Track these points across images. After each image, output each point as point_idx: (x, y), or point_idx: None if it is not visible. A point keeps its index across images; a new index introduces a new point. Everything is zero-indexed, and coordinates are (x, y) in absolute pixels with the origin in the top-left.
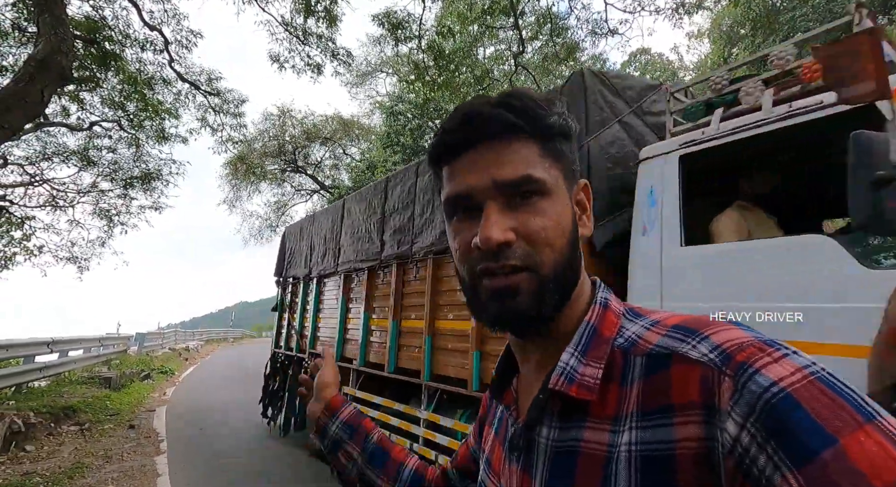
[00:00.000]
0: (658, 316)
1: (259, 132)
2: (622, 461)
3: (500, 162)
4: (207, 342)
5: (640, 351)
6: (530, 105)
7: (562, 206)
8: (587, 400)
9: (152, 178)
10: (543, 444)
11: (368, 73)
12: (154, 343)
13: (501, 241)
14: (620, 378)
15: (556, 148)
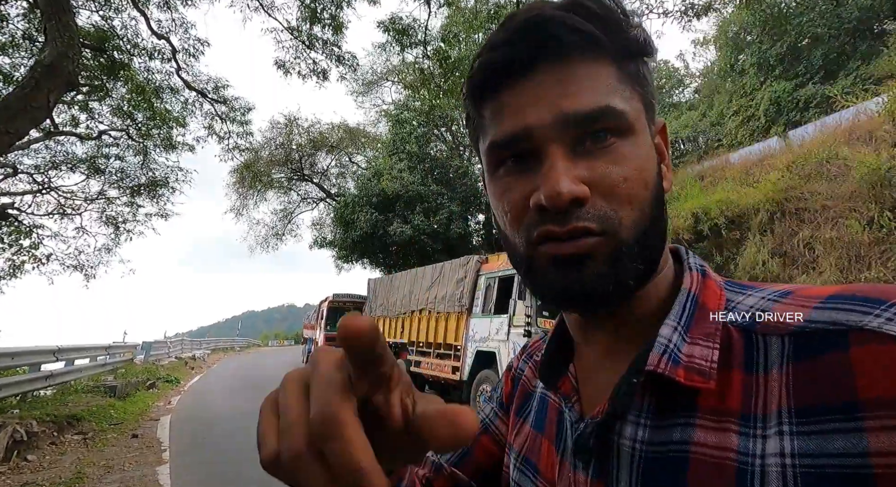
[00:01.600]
0: (782, 287)
1: (266, 140)
2: (771, 476)
3: (569, 89)
4: (214, 351)
5: (778, 328)
6: (609, 11)
7: (646, 150)
8: (698, 388)
9: (159, 186)
10: (628, 447)
11: (374, 81)
12: (160, 351)
13: (572, 195)
14: (744, 362)
15: (638, 71)
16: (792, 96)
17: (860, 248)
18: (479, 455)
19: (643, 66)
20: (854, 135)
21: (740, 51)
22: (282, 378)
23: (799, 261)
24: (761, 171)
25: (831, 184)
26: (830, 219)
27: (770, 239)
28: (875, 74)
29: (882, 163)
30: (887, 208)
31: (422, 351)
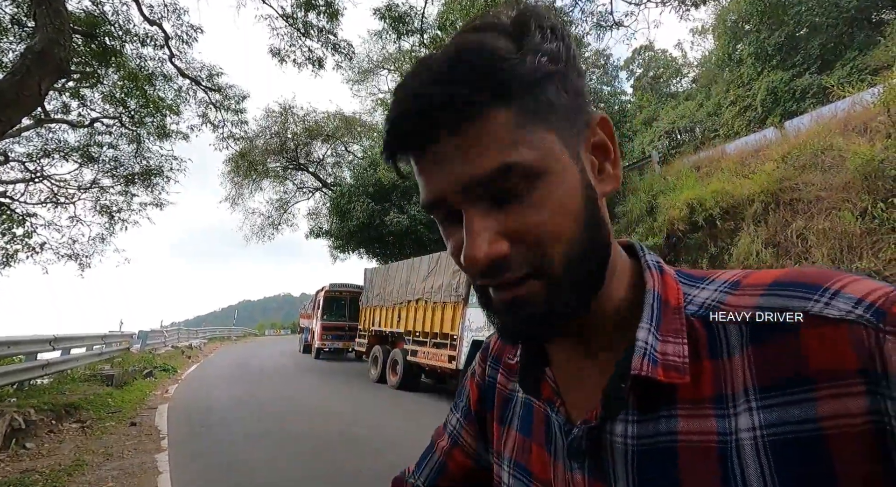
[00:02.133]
0: (728, 276)
1: (261, 129)
2: (746, 450)
3: (465, 155)
4: (210, 340)
5: (734, 317)
6: (488, 63)
7: (563, 181)
8: (676, 383)
9: (153, 175)
10: (620, 444)
11: (370, 69)
12: (157, 341)
13: (491, 258)
14: (709, 351)
15: (539, 100)
16: (789, 86)
17: (852, 239)
18: (453, 470)
19: (549, 87)
20: (849, 125)
21: (738, 40)
22: (278, 366)
23: (791, 252)
24: (757, 162)
25: (826, 174)
26: (824, 210)
27: (764, 229)
28: (871, 65)
29: (876, 154)
30: (880, 199)
31: (418, 340)
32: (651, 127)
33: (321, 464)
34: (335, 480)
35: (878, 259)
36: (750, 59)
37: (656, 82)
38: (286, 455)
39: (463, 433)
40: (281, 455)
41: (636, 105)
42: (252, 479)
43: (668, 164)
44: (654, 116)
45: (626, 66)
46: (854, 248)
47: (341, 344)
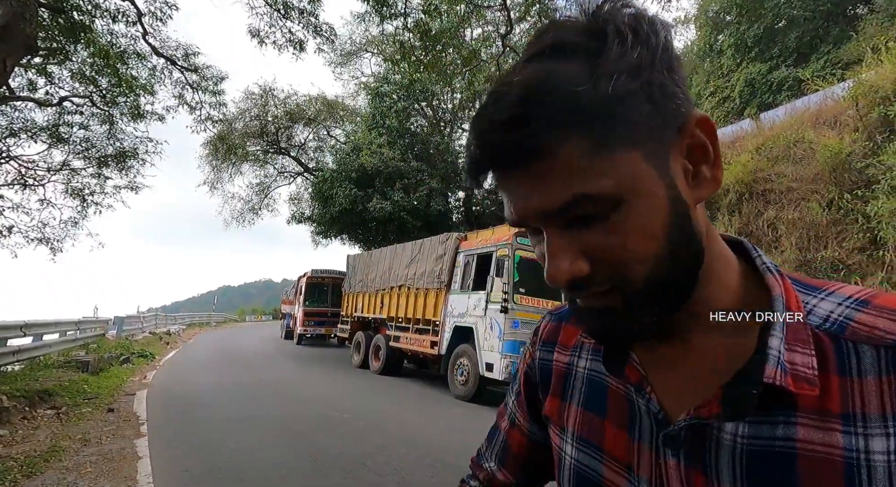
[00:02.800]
0: (852, 292)
1: (240, 111)
2: (879, 471)
3: (537, 188)
4: (189, 326)
5: (872, 338)
6: (558, 99)
7: (646, 204)
8: (807, 394)
9: (127, 157)
10: (729, 441)
11: (353, 52)
12: (133, 327)
13: (571, 276)
14: (838, 367)
15: (618, 122)
16: (766, 78)
17: (819, 229)
18: (514, 448)
19: (631, 101)
20: (820, 119)
21: (719, 31)
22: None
23: (763, 241)
24: (733, 153)
25: (797, 166)
26: (794, 201)
27: (738, 219)
28: (844, 59)
29: (844, 147)
30: (846, 190)
31: (401, 326)
32: None
33: (303, 447)
34: (318, 462)
35: (842, 248)
36: (730, 50)
37: None
38: (268, 439)
39: (518, 414)
40: (263, 438)
41: None
42: (234, 462)
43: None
44: None
45: None
46: (820, 238)
47: (323, 330)
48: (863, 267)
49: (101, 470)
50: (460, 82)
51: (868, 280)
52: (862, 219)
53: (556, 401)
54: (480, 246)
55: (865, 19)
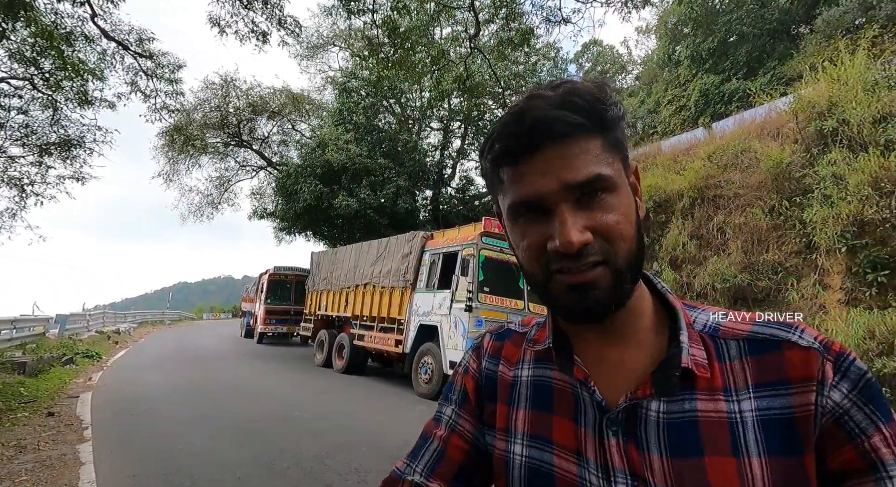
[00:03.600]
0: (716, 309)
1: (199, 101)
2: (748, 423)
3: (568, 163)
4: (141, 324)
5: (735, 335)
6: (592, 101)
7: (627, 197)
8: (699, 375)
9: (73, 146)
10: (654, 417)
11: (320, 45)
12: (78, 325)
13: (581, 242)
14: (717, 356)
15: (616, 138)
16: (719, 89)
17: (762, 233)
18: (452, 454)
19: (620, 131)
20: (765, 130)
21: (677, 42)
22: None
23: (712, 244)
24: (687, 159)
25: (744, 174)
26: (740, 207)
27: (690, 223)
28: (788, 74)
29: (784, 157)
30: (786, 198)
31: (365, 324)
32: None
33: (261, 448)
34: (276, 462)
35: (782, 251)
36: (686, 61)
37: (603, 77)
38: (223, 440)
39: (460, 421)
40: (218, 439)
41: None
42: (186, 465)
43: None
44: None
45: (576, 60)
46: (763, 242)
47: (286, 329)
48: (799, 270)
49: (38, 479)
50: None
51: (803, 281)
52: (799, 224)
53: (504, 408)
54: (446, 245)
55: (807, 38)
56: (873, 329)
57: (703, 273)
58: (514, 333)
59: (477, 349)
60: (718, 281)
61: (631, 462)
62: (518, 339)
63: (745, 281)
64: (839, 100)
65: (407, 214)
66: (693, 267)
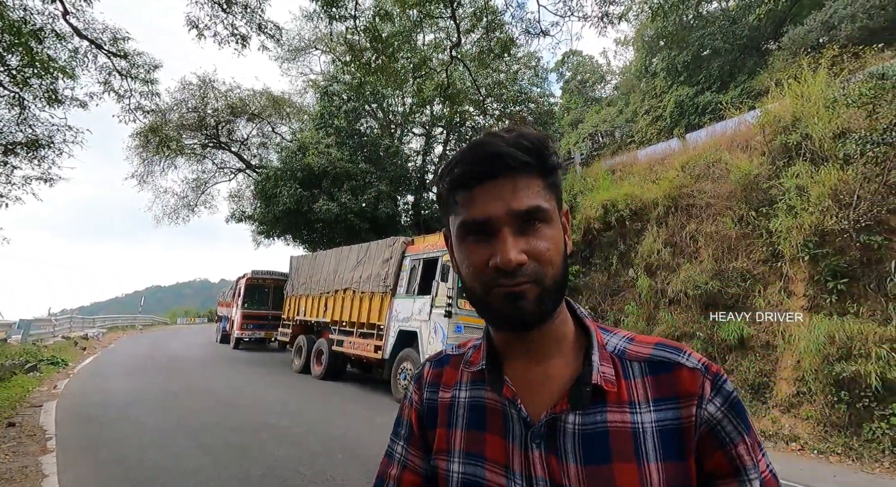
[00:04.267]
0: (624, 333)
1: (176, 102)
2: (648, 433)
3: (515, 193)
4: (111, 329)
5: (638, 357)
6: (539, 146)
7: (558, 231)
8: (609, 391)
9: (41, 146)
10: (571, 429)
11: (301, 48)
12: (43, 330)
13: (518, 262)
14: (623, 374)
15: (554, 181)
16: (693, 101)
17: (731, 242)
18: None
19: (557, 177)
20: (735, 142)
21: (654, 55)
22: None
23: (685, 252)
24: (662, 169)
25: (715, 184)
26: (712, 216)
27: (664, 231)
28: (757, 89)
29: (752, 169)
30: (753, 208)
31: (344, 330)
32: (577, 128)
33: (235, 457)
34: (250, 472)
35: (750, 259)
36: (662, 73)
37: (583, 86)
38: (196, 450)
39: (409, 456)
40: (190, 449)
41: (564, 107)
42: (156, 476)
43: (590, 166)
44: (579, 119)
45: (556, 69)
46: (732, 250)
47: (263, 334)
48: (766, 277)
49: None
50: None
51: (769, 288)
52: (766, 234)
53: (444, 430)
54: (427, 250)
55: (774, 55)
56: (833, 334)
57: (677, 279)
58: (452, 357)
59: (418, 379)
60: (691, 287)
61: (551, 471)
62: (456, 362)
63: (715, 288)
64: (802, 116)
65: (388, 219)
66: (667, 274)
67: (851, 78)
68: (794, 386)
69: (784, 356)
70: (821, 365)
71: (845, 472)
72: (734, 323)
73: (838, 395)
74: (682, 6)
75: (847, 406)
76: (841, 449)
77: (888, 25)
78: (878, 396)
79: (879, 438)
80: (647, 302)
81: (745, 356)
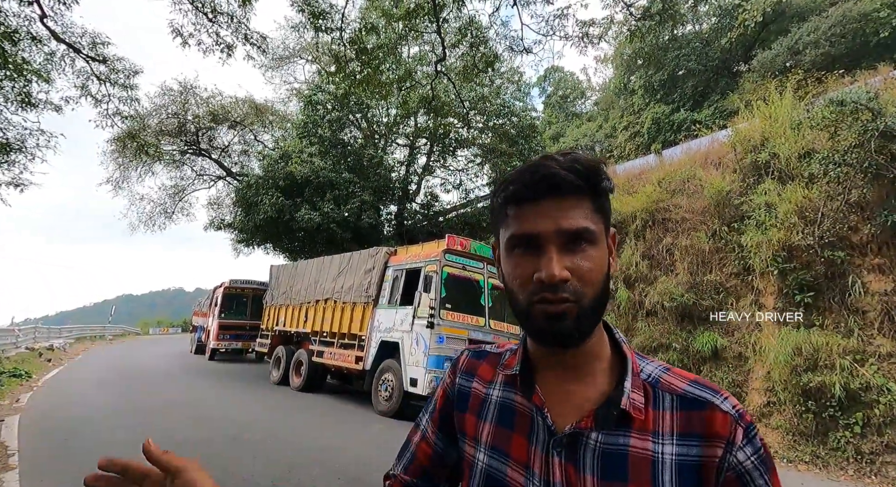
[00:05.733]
0: (659, 362)
1: (155, 107)
2: (666, 464)
3: (564, 213)
4: (79, 340)
5: (670, 390)
6: (589, 171)
7: (603, 253)
8: (638, 418)
9: (12, 150)
10: (593, 445)
11: (286, 57)
12: (5, 341)
13: (561, 278)
14: (653, 404)
15: (603, 205)
16: (669, 119)
17: (705, 255)
18: (420, 457)
19: (606, 200)
20: (709, 159)
21: (632, 73)
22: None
23: (662, 264)
24: (640, 183)
25: (690, 199)
26: (687, 230)
27: (642, 244)
28: (728, 108)
29: (725, 185)
30: (725, 223)
31: (325, 340)
32: (558, 142)
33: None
34: (224, 484)
35: (723, 273)
36: (640, 90)
37: (564, 101)
38: None
39: (429, 429)
40: None
41: (545, 121)
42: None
43: None
44: (560, 133)
45: (539, 84)
46: (706, 263)
47: (240, 344)
48: (738, 291)
49: None
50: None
51: (741, 301)
52: (738, 248)
53: (474, 419)
54: (409, 261)
55: (745, 76)
56: (800, 346)
57: (654, 291)
58: (490, 354)
59: (454, 365)
60: (667, 299)
61: (568, 479)
62: (493, 359)
63: (690, 301)
64: (771, 136)
65: (371, 229)
66: (645, 286)
67: (815, 101)
68: (765, 396)
69: (755, 367)
70: (789, 375)
71: (813, 480)
72: (708, 335)
73: (806, 405)
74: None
75: (814, 416)
76: (809, 458)
77: (848, 52)
78: (842, 406)
79: (844, 446)
80: (626, 314)
81: (719, 367)
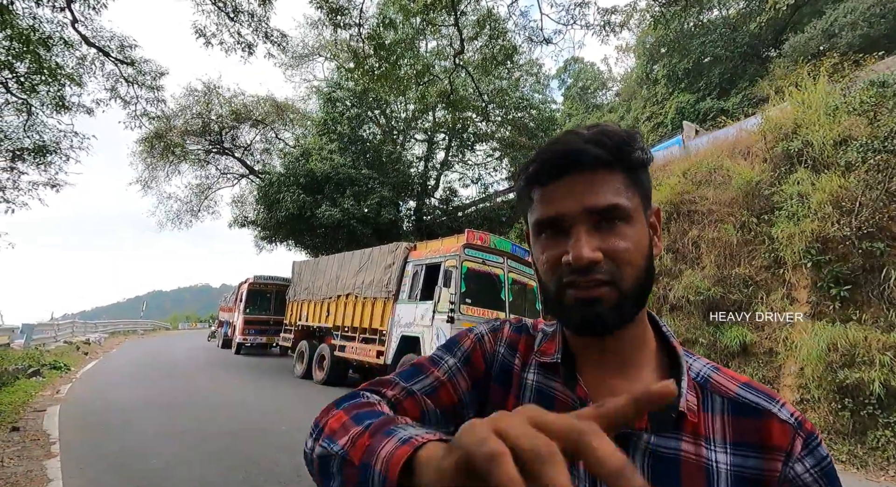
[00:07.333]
0: (706, 361)
1: (180, 108)
2: (722, 474)
3: (591, 190)
4: (112, 334)
5: (721, 392)
6: (618, 142)
7: (642, 231)
8: (691, 421)
9: (48, 152)
10: (643, 446)
11: (305, 55)
12: (45, 335)
13: (591, 259)
14: (703, 406)
15: (637, 178)
16: (694, 108)
17: (733, 248)
18: (443, 398)
19: (643, 173)
20: (737, 149)
21: (655, 62)
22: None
23: (687, 258)
24: (664, 175)
25: (716, 190)
26: (713, 222)
27: (666, 236)
28: (757, 96)
29: (754, 176)
30: (755, 215)
31: (346, 335)
32: None
33: (237, 462)
34: (252, 477)
35: (752, 266)
36: (663, 80)
37: (584, 93)
38: (198, 455)
39: (458, 375)
40: (193, 455)
41: (565, 113)
42: (159, 481)
43: None
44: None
45: (558, 76)
46: (734, 256)
47: (265, 339)
48: (768, 284)
49: None
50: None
51: (772, 295)
52: (768, 240)
53: (513, 399)
54: (429, 256)
55: (775, 62)
56: (836, 341)
57: (679, 286)
58: (528, 333)
59: (496, 331)
60: (692, 293)
61: None
62: (529, 341)
63: (717, 295)
64: (803, 123)
65: (390, 225)
66: (669, 280)
67: (852, 85)
68: (798, 393)
69: (787, 363)
70: (824, 372)
71: (850, 480)
72: (737, 330)
73: (842, 402)
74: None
75: (851, 414)
76: (845, 457)
77: (888, 33)
78: (882, 404)
79: (884, 446)
80: (650, 308)
81: (748, 362)
